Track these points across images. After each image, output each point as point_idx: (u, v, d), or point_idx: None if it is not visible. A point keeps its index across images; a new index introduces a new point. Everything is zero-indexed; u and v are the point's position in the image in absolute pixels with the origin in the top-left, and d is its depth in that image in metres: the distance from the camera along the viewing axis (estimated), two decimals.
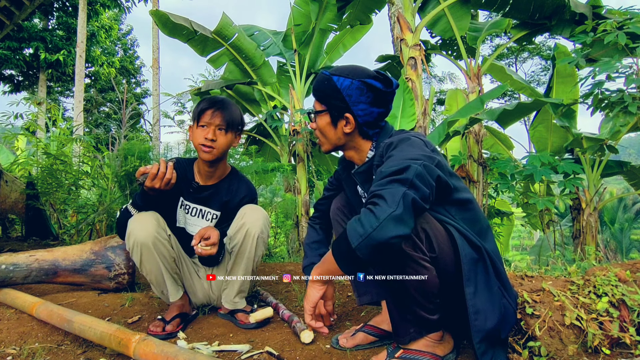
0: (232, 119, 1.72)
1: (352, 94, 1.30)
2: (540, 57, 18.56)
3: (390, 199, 1.02)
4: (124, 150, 3.57)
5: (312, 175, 4.96)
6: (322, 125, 1.38)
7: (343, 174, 1.55)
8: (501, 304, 1.16)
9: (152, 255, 1.64)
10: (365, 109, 1.31)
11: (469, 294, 1.11)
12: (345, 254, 1.07)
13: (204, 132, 1.69)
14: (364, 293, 1.56)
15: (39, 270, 2.06)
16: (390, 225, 0.99)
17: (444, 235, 1.16)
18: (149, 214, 1.66)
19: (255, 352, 1.41)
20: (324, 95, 1.35)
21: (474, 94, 4.61)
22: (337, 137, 1.38)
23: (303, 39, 5.22)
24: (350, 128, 1.34)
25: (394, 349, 1.26)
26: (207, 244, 1.61)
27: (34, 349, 1.48)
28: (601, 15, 4.12)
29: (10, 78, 13.78)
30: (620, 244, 12.46)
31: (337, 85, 1.31)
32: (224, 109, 1.70)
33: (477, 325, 1.10)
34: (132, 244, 1.62)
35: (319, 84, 1.37)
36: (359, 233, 1.02)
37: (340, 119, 1.34)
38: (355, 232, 1.03)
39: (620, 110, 2.88)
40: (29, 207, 3.79)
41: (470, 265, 1.13)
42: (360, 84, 1.29)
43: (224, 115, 1.70)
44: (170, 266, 1.73)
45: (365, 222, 1.02)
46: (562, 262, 2.36)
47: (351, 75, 1.30)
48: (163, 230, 1.67)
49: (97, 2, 12.77)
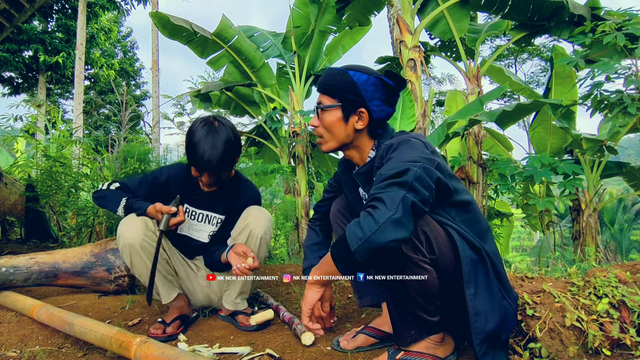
0: (227, 168, 1.69)
1: (369, 89, 1.29)
2: (539, 59, 18.60)
3: (389, 202, 1.01)
4: (124, 152, 3.58)
5: (312, 176, 4.96)
6: (331, 121, 1.34)
7: (343, 176, 1.54)
8: (501, 305, 1.16)
9: (141, 257, 1.63)
10: (380, 105, 1.31)
11: (470, 295, 1.11)
12: (344, 256, 1.07)
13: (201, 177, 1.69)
14: (365, 295, 1.56)
15: (39, 273, 2.06)
16: (389, 229, 0.99)
17: (444, 237, 1.16)
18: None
19: (256, 355, 1.41)
20: (337, 89, 1.32)
21: (473, 95, 4.62)
22: (346, 133, 1.34)
23: (302, 40, 5.23)
24: (362, 124, 1.32)
25: (394, 351, 1.26)
26: (251, 267, 1.58)
27: (34, 352, 1.48)
28: (600, 17, 4.13)
29: (9, 80, 13.78)
30: (620, 244, 12.46)
31: (354, 79, 1.29)
32: (219, 171, 1.65)
33: (478, 327, 1.10)
34: (121, 246, 1.63)
35: (331, 79, 1.33)
36: (358, 236, 1.02)
37: (353, 114, 1.32)
38: (354, 235, 1.03)
39: (620, 111, 2.89)
40: (28, 210, 3.79)
41: (470, 266, 1.13)
42: (376, 80, 1.29)
43: (220, 175, 1.69)
44: (164, 268, 1.73)
45: (364, 225, 1.02)
46: (562, 263, 2.36)
47: (367, 72, 1.30)
48: (152, 232, 1.65)
49: (97, 5, 12.79)
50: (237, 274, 1.59)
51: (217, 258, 1.73)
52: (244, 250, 1.61)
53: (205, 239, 1.85)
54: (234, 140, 1.66)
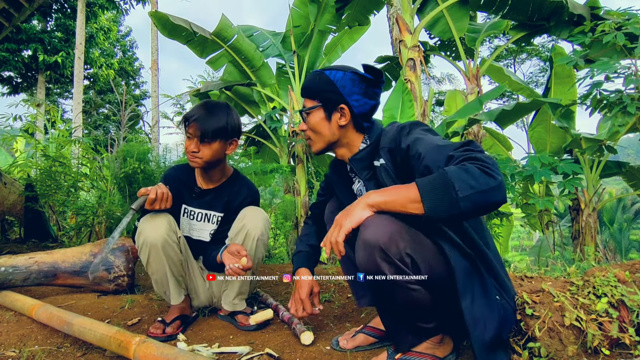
0: (215, 129, 1.66)
1: (346, 85, 1.31)
2: (538, 59, 18.61)
3: (492, 164, 1.01)
4: (123, 151, 3.57)
5: (311, 176, 4.96)
6: (316, 122, 1.36)
7: (334, 177, 1.53)
8: (500, 307, 1.15)
9: (160, 257, 1.63)
10: (359, 99, 1.32)
11: (466, 307, 1.09)
12: (440, 193, 0.99)
13: (188, 143, 1.69)
14: (363, 296, 1.56)
15: (39, 273, 2.05)
16: (501, 190, 0.99)
17: (434, 252, 1.13)
18: (161, 215, 1.64)
19: (255, 354, 1.40)
20: (316, 90, 1.35)
21: (472, 95, 4.62)
22: (331, 132, 1.36)
23: (302, 40, 5.22)
24: (345, 120, 1.33)
25: (394, 351, 1.26)
26: (244, 268, 1.56)
27: (33, 352, 1.47)
28: (599, 17, 4.13)
29: (8, 80, 13.77)
30: (619, 244, 12.47)
31: (330, 78, 1.32)
32: (206, 120, 1.64)
33: (477, 335, 1.08)
34: (141, 243, 1.61)
35: (310, 82, 1.37)
36: (471, 185, 0.97)
37: (335, 111, 1.33)
38: (464, 181, 0.98)
39: (619, 111, 2.89)
40: (27, 209, 3.79)
41: (464, 277, 1.10)
42: (352, 75, 1.31)
43: (205, 126, 1.64)
44: (177, 269, 1.72)
45: (479, 177, 0.98)
46: (562, 263, 2.36)
47: (343, 69, 1.33)
48: (174, 232, 1.66)
49: (96, 4, 12.78)
50: (230, 273, 1.57)
51: (213, 258, 1.72)
52: (237, 249, 1.59)
53: (207, 237, 1.85)
54: (229, 112, 1.71)
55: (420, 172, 1.12)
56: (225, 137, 1.70)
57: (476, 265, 1.15)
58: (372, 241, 1.06)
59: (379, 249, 1.06)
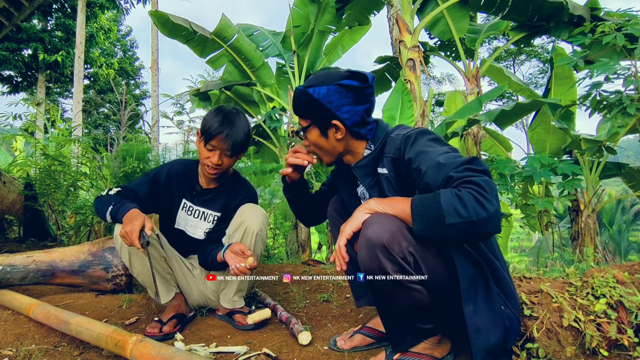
0: (240, 143, 1.68)
1: (333, 100, 1.26)
2: (538, 60, 18.62)
3: (491, 191, 0.99)
4: (123, 151, 3.57)
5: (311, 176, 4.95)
6: (314, 140, 1.36)
7: (340, 174, 1.53)
8: (504, 317, 1.12)
9: (141, 256, 1.63)
10: (350, 110, 1.28)
11: (469, 313, 1.07)
12: (430, 217, 1.01)
13: (210, 154, 1.67)
14: (362, 296, 1.55)
15: (37, 272, 2.05)
16: (494, 222, 0.97)
17: (435, 252, 1.12)
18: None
19: (252, 354, 1.40)
20: (305, 110, 1.33)
21: (472, 96, 4.62)
22: (331, 146, 1.35)
23: (302, 40, 5.22)
24: (341, 134, 1.31)
25: (392, 351, 1.26)
26: (251, 267, 1.56)
27: (30, 351, 1.47)
28: (599, 17, 4.13)
29: (9, 79, 13.76)
30: (618, 245, 12.46)
31: (315, 96, 1.27)
32: (234, 135, 1.65)
33: (478, 344, 1.06)
34: (119, 245, 1.62)
35: (297, 101, 1.34)
36: (460, 214, 0.97)
37: (329, 127, 1.31)
38: (454, 209, 0.97)
39: (619, 112, 2.88)
40: (27, 208, 3.78)
41: (469, 282, 1.09)
42: (336, 88, 1.26)
43: (234, 141, 1.66)
44: (161, 266, 1.73)
45: (470, 206, 0.97)
46: (561, 264, 2.36)
47: (326, 82, 1.27)
48: (151, 230, 1.65)
49: (96, 4, 12.78)
50: (236, 273, 1.57)
51: (213, 257, 1.71)
52: (241, 249, 1.59)
53: (201, 235, 1.85)
54: (246, 123, 1.74)
55: (421, 188, 1.12)
56: (244, 149, 1.74)
57: (483, 273, 1.12)
58: (375, 239, 1.06)
59: (382, 247, 1.06)
